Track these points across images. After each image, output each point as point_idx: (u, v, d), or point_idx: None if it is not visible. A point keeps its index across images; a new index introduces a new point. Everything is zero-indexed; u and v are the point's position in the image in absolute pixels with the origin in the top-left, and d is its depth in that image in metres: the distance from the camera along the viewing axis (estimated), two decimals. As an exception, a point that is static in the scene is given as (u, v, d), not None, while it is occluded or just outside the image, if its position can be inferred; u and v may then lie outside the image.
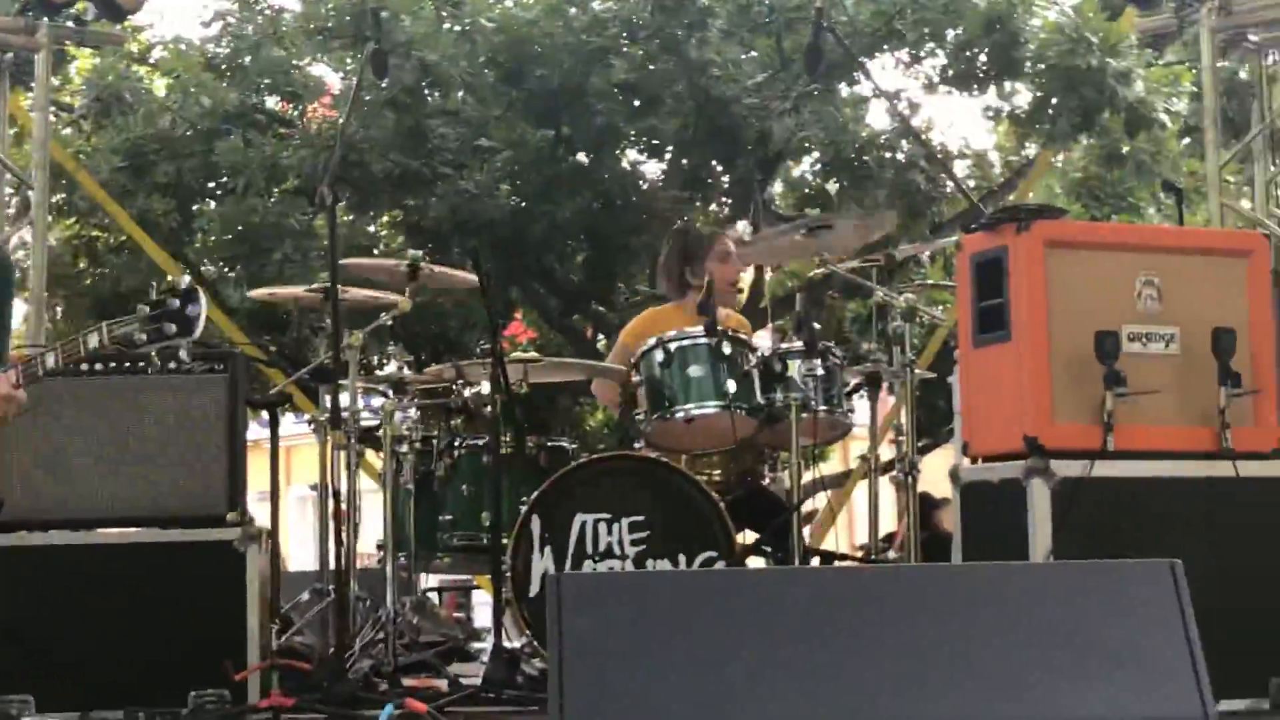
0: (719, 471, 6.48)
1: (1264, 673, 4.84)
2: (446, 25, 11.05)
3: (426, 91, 10.89)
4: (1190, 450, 4.96)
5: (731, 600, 2.99)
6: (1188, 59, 10.61)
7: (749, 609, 3.01)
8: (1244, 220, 6.95)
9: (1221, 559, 4.80)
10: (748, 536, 6.25)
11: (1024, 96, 11.22)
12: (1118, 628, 2.92)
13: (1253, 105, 7.33)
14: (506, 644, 5.64)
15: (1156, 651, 2.92)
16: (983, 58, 10.62)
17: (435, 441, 6.44)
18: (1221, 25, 6.88)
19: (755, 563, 6.36)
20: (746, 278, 6.85)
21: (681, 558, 5.61)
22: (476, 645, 6.80)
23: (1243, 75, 9.87)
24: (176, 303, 4.19)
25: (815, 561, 6.60)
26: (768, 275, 13.42)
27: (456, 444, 6.40)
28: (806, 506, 6.79)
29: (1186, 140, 12.91)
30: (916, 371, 6.34)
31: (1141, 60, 10.24)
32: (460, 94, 10.98)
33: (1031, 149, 12.42)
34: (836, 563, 6.82)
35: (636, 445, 6.08)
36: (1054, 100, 10.48)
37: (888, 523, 7.54)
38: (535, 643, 5.48)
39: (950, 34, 10.60)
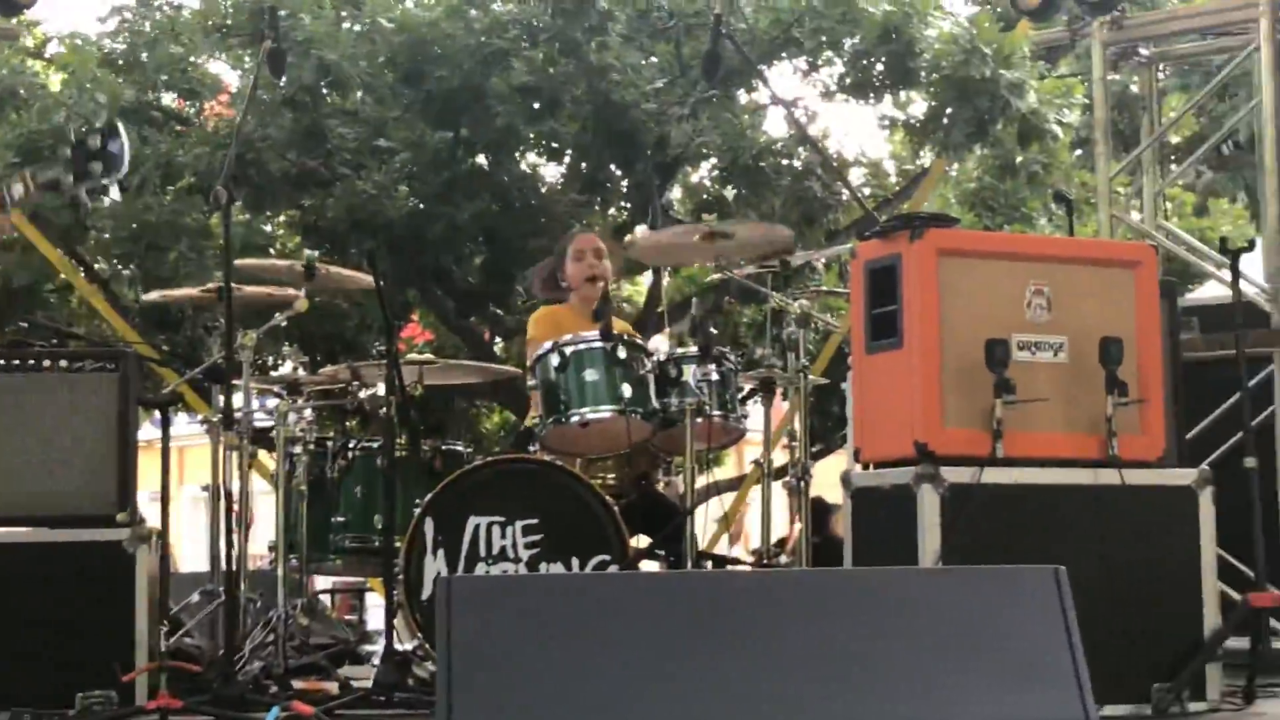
0: (613, 475, 6.50)
1: (1147, 679, 4.92)
2: (346, 25, 10.99)
3: (325, 91, 10.82)
4: (1077, 458, 5.02)
5: (623, 604, 3.00)
6: (1080, 72, 10.76)
7: (641, 613, 3.02)
8: (1133, 232, 7.05)
9: (1107, 566, 4.87)
10: (641, 541, 6.28)
11: (919, 106, 11.31)
12: (1002, 632, 2.95)
13: (1143, 118, 7.44)
14: (398, 647, 5.63)
15: (1040, 656, 2.96)
16: (879, 67, 10.69)
17: (329, 443, 6.41)
18: (1113, 39, 6.98)
19: (648, 567, 6.38)
20: (607, 270, 6.85)
21: (575, 561, 5.62)
22: (368, 648, 6.78)
23: (1134, 89, 10.02)
24: (98, 141, 4.13)
25: (708, 566, 6.63)
26: (665, 280, 13.47)
27: (351, 446, 6.38)
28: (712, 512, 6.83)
29: (1078, 152, 13.09)
30: (810, 377, 6.40)
31: (1034, 72, 10.36)
32: (359, 94, 10.92)
33: (926, 158, 12.53)
34: (729, 567, 6.86)
35: (532, 449, 6.08)
36: (948, 110, 10.57)
37: (781, 528, 7.59)
38: (426, 645, 5.47)
39: (847, 43, 10.67)
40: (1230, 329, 5.94)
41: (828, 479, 6.88)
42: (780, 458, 6.98)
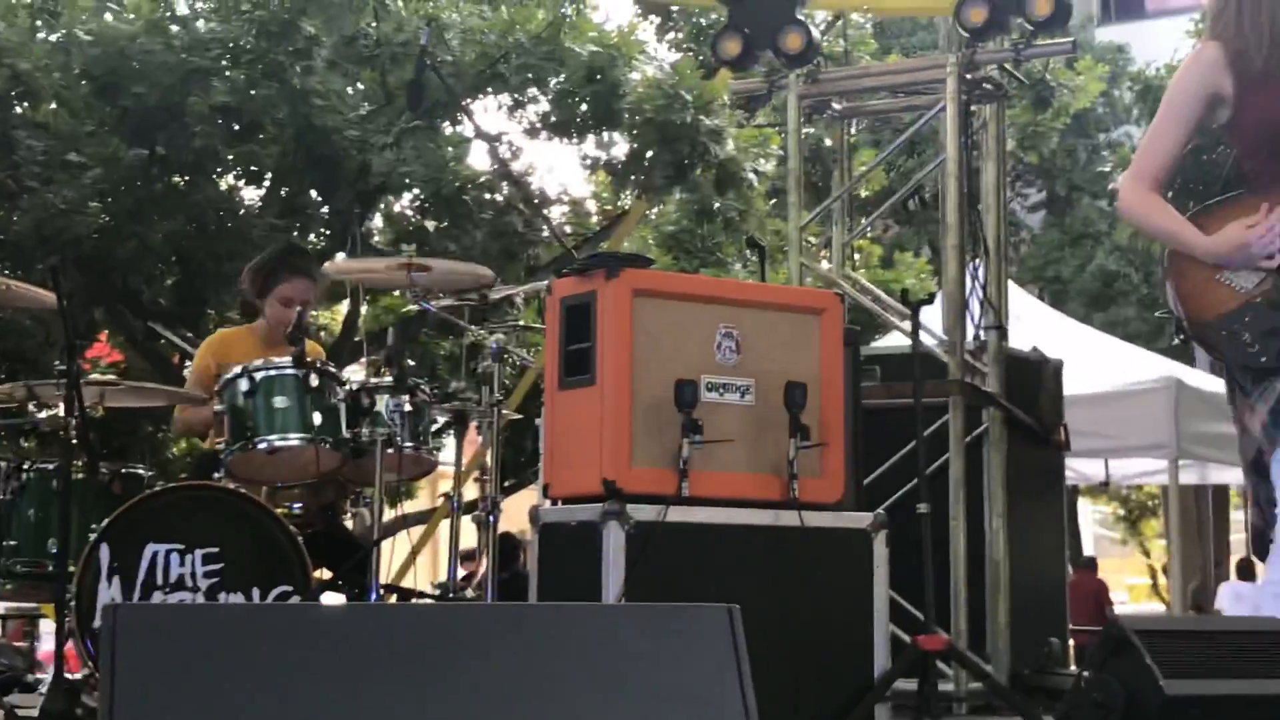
0: (300, 505, 6.40)
1: (818, 718, 5.03)
2: (41, 34, 10.68)
3: (15, 101, 10.49)
4: (760, 499, 5.10)
5: (300, 637, 2.94)
6: (776, 123, 11.03)
7: (319, 646, 2.96)
8: (821, 280, 7.23)
9: (784, 606, 4.97)
10: (325, 572, 6.20)
11: (622, 147, 11.46)
12: (675, 670, 2.98)
13: (834, 171, 7.66)
14: (68, 675, 5.45)
15: (711, 694, 3.00)
16: (583, 106, 10.81)
17: (3, 464, 6.18)
18: (808, 93, 7.17)
19: (333, 599, 6.30)
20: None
21: (256, 592, 5.51)
22: (38, 675, 6.55)
23: (827, 141, 10.32)
24: None
25: (393, 599, 6.58)
26: (363, 309, 13.36)
27: (25, 467, 6.15)
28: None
29: (773, 200, 13.41)
30: (504, 412, 6.40)
31: (733, 120, 10.59)
32: (52, 105, 10.61)
33: (627, 199, 12.70)
34: (414, 600, 6.82)
35: (217, 475, 5.95)
36: (649, 153, 10.73)
37: (469, 561, 7.57)
38: (97, 675, 5.31)
39: (553, 81, 10.76)
40: (909, 378, 6.15)
41: (520, 514, 6.90)
42: (472, 491, 6.98)
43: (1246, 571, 15.09)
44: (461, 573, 7.08)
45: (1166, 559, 25.38)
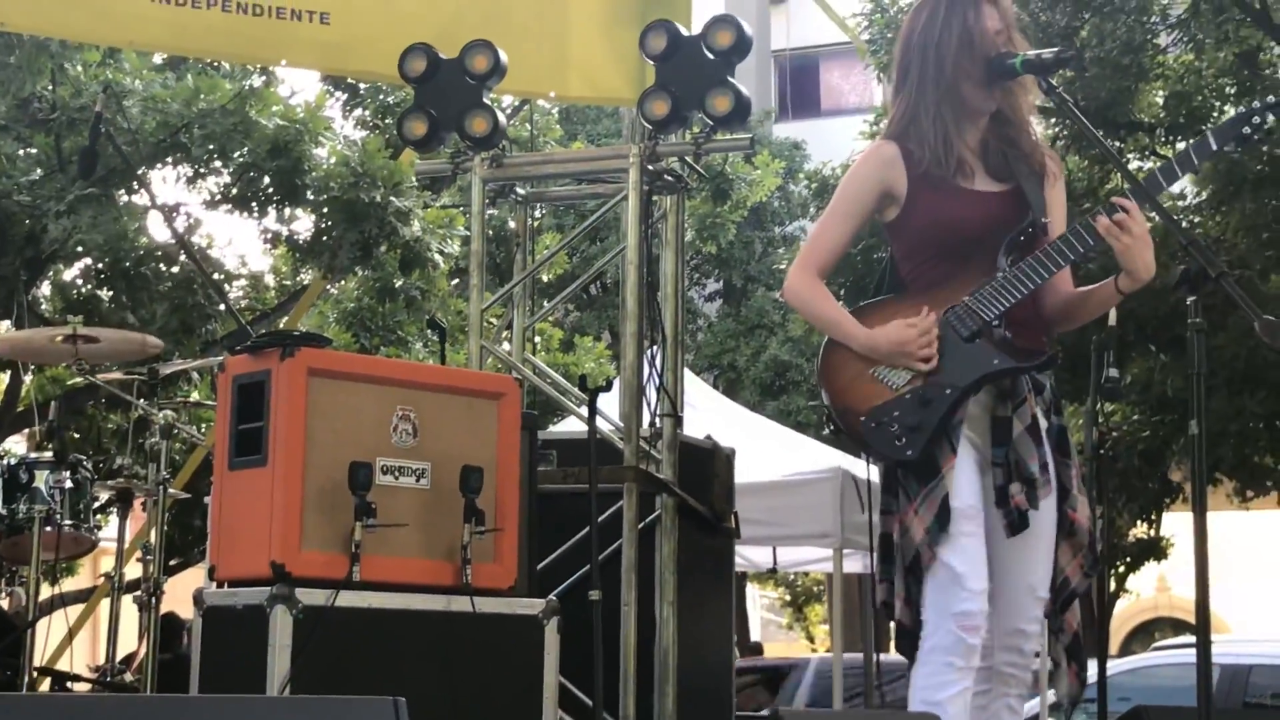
0: (-50, 583, 6.13)
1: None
2: None
3: None
4: (432, 584, 5.06)
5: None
6: (461, 203, 11.07)
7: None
8: (501, 363, 7.25)
9: (455, 692, 4.93)
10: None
11: (305, 223, 11.34)
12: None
13: (517, 254, 7.69)
14: None
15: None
16: (266, 181, 10.67)
17: None
18: (492, 176, 7.19)
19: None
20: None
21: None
22: None
23: (511, 224, 10.39)
24: None
25: (47, 682, 6.34)
26: (27, 379, 12.89)
27: None
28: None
29: (455, 281, 13.42)
30: (171, 490, 6.24)
31: (421, 201, 10.58)
32: None
33: (307, 275, 12.56)
34: (70, 683, 6.57)
35: None
36: (335, 232, 10.64)
37: (129, 643, 7.33)
38: None
39: (236, 154, 10.60)
40: (585, 463, 6.19)
41: (186, 594, 6.71)
42: (135, 570, 6.77)
43: (905, 657, 15.50)
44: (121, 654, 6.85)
45: (830, 644, 26.02)
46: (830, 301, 4.83)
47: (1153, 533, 18.17)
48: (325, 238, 10.85)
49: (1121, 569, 18.27)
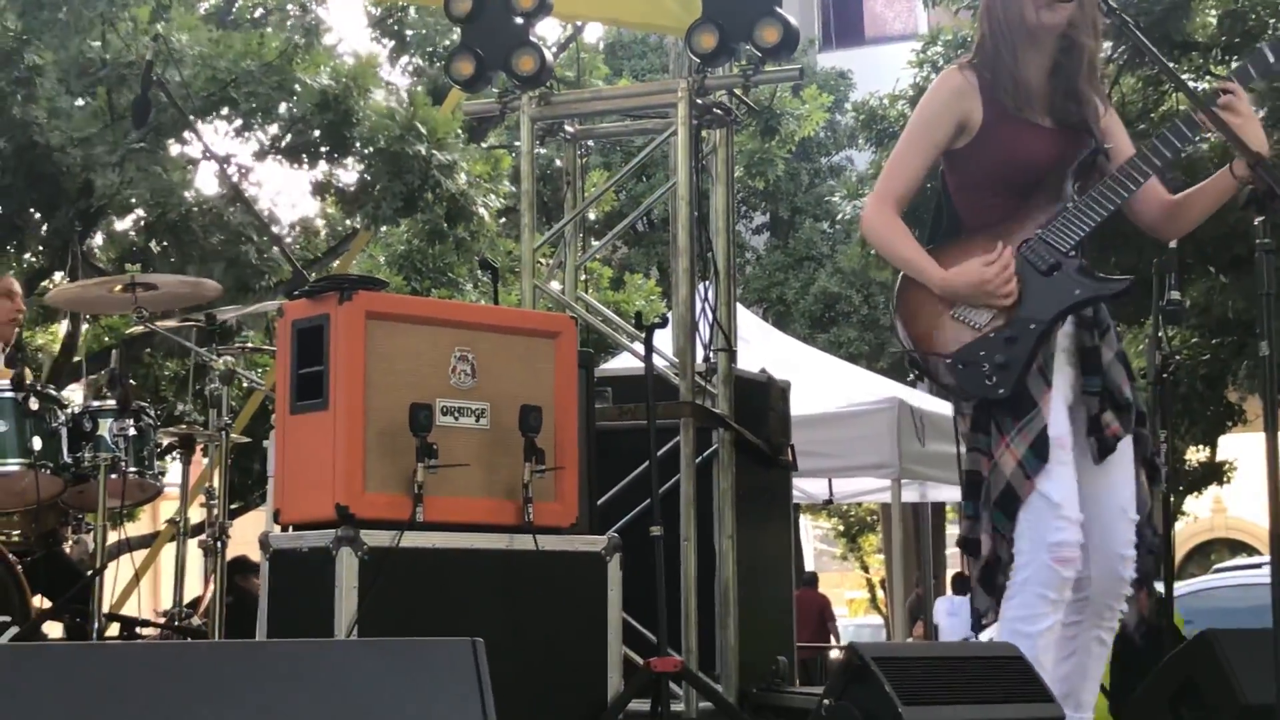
0: (18, 532, 6.20)
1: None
2: None
3: None
4: (494, 523, 5.09)
5: (24, 677, 2.83)
6: (508, 143, 11.06)
7: (33, 690, 2.84)
8: (554, 302, 7.25)
9: (519, 630, 4.97)
10: (45, 601, 6.01)
11: (353, 174, 11.37)
12: (418, 707, 2.94)
13: (566, 193, 7.68)
14: None
15: (453, 725, 2.98)
16: (316, 133, 10.69)
17: None
18: (540, 114, 7.17)
19: (53, 628, 6.11)
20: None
21: (-27, 623, 5.32)
22: None
23: (558, 162, 10.36)
24: None
25: (116, 627, 6.41)
26: (84, 328, 12.99)
27: None
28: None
29: (504, 220, 13.43)
30: (232, 435, 6.29)
31: (467, 155, 10.58)
32: None
33: (357, 220, 12.60)
34: (139, 629, 6.65)
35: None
36: (380, 183, 10.66)
37: (195, 587, 7.41)
38: None
39: (283, 107, 10.63)
40: (642, 399, 6.20)
41: (248, 536, 6.78)
42: (199, 515, 6.84)
43: (961, 586, 15.56)
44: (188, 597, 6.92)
45: (885, 574, 26.05)
46: (908, 239, 4.77)
47: (1213, 456, 18.11)
48: (371, 189, 10.87)
49: (1182, 488, 18.21)
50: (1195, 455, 17.94)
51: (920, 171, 4.82)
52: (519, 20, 6.88)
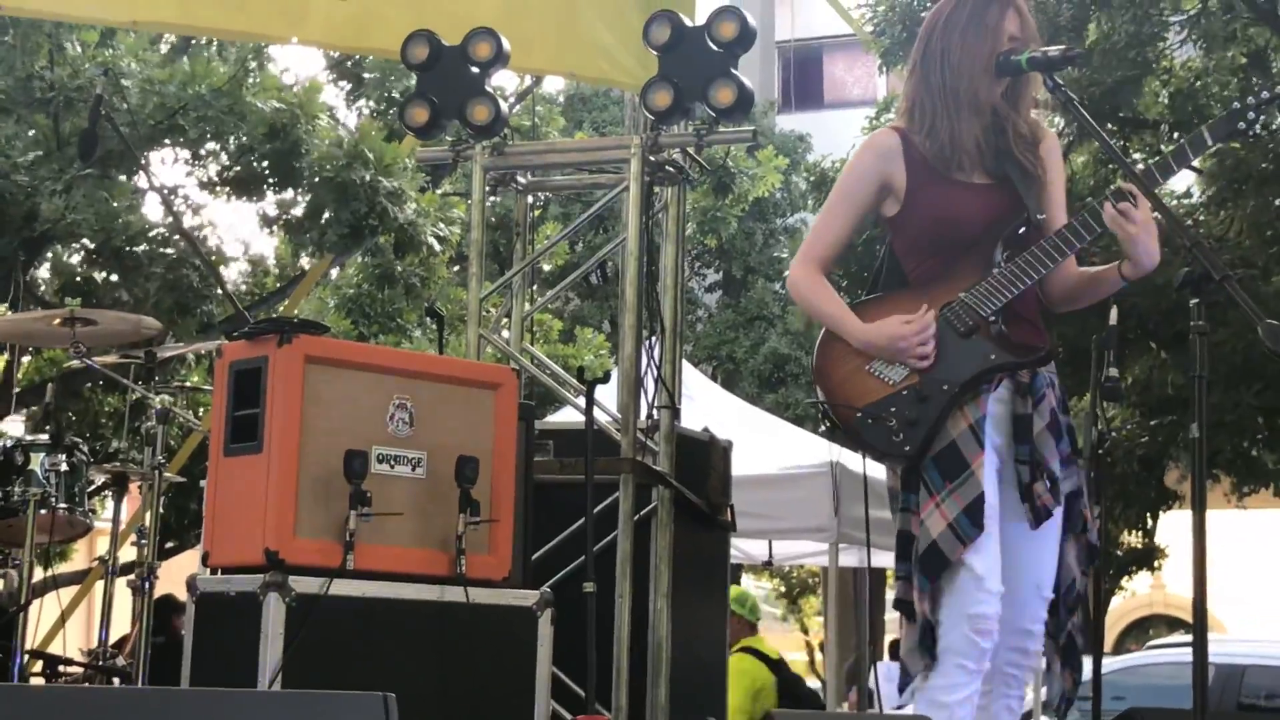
0: (-58, 565, 6.11)
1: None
2: None
3: None
4: (426, 574, 5.04)
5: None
6: (462, 191, 11.04)
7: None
8: (499, 353, 7.22)
9: (447, 682, 4.92)
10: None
11: (300, 207, 11.33)
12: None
13: (517, 243, 7.66)
14: None
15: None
16: (264, 163, 10.65)
17: None
18: (493, 164, 7.16)
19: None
20: None
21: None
22: None
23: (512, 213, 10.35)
24: None
25: (39, 665, 6.32)
26: (23, 360, 12.87)
27: None
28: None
29: (456, 268, 13.40)
30: (167, 475, 6.22)
31: (415, 184, 10.54)
32: None
33: (307, 260, 12.56)
34: (61, 667, 6.55)
35: None
36: (327, 212, 10.62)
37: (123, 626, 7.33)
38: None
39: (232, 138, 10.59)
40: (582, 454, 6.17)
41: (181, 577, 6.69)
42: (130, 554, 6.76)
43: (898, 652, 15.51)
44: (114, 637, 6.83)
45: (824, 636, 25.99)
46: (830, 296, 4.82)
47: (1146, 540, 18.15)
48: (319, 217, 10.82)
49: (1112, 572, 18.25)
50: (1129, 539, 17.98)
51: (843, 233, 4.86)
52: (475, 70, 6.87)
